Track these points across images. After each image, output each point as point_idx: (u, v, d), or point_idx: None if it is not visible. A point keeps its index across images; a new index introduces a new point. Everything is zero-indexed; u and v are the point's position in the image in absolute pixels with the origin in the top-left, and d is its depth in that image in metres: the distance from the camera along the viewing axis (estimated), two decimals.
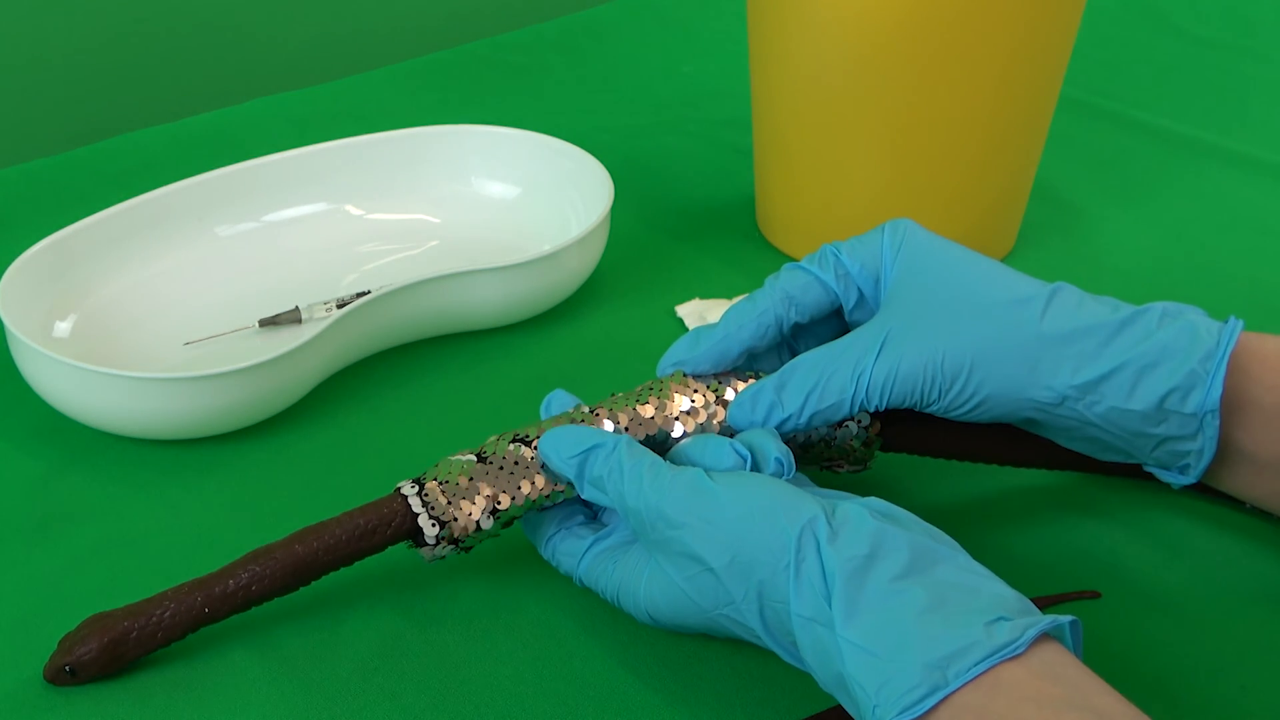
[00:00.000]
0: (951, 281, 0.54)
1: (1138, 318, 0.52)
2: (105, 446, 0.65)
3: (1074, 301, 0.53)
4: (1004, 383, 0.53)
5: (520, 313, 0.74)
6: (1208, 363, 0.51)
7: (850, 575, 0.45)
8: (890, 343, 0.53)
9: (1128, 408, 0.52)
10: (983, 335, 0.52)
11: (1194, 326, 0.52)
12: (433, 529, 0.53)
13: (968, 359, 0.52)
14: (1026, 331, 0.52)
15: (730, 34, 1.07)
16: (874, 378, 0.53)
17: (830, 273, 0.57)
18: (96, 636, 0.52)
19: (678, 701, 0.53)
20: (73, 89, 1.05)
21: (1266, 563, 0.61)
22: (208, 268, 0.75)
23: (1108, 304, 0.53)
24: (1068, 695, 0.42)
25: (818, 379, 0.54)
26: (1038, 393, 0.52)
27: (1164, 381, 0.51)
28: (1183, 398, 0.52)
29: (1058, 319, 0.52)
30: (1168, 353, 0.51)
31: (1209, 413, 0.51)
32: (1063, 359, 0.52)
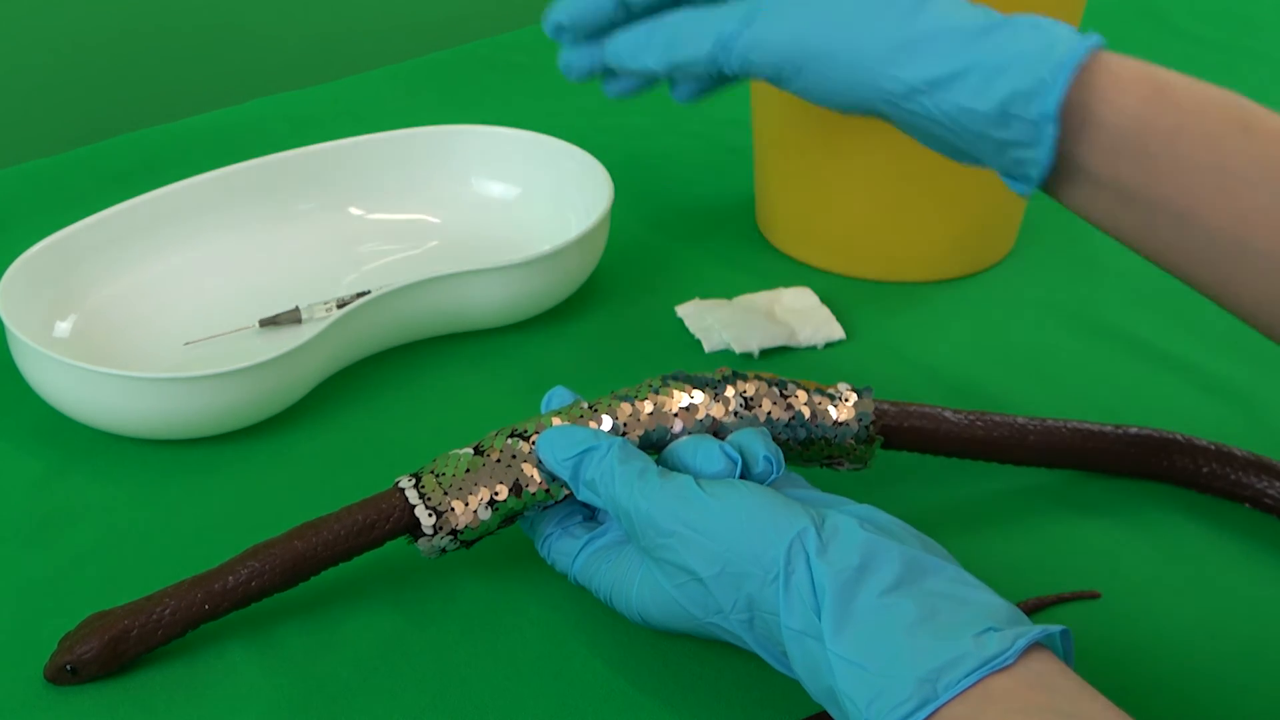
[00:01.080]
0: None
1: (1004, 25, 0.51)
2: (105, 446, 0.65)
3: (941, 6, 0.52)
4: (854, 74, 0.53)
5: (520, 313, 0.74)
6: (1057, 70, 0.50)
7: (840, 588, 0.45)
8: (762, 12, 0.54)
9: (972, 107, 0.51)
10: (852, 21, 0.52)
11: (1053, 38, 0.51)
12: (429, 519, 0.53)
13: (826, 46, 0.52)
14: (895, 23, 0.52)
15: None
16: (737, 45, 0.54)
17: None
18: (97, 635, 0.52)
19: (677, 701, 0.53)
20: (73, 89, 1.05)
21: (1266, 563, 0.61)
22: (208, 268, 0.75)
23: (983, 11, 0.52)
24: (1057, 705, 0.42)
25: (684, 32, 0.55)
26: (888, 82, 0.52)
27: (1009, 84, 0.50)
28: (1026, 102, 0.50)
29: (929, 15, 0.52)
30: (1020, 58, 0.50)
31: (1048, 120, 0.50)
32: (921, 53, 0.51)
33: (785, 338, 0.74)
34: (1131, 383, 0.72)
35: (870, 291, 0.79)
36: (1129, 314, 0.77)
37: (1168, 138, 0.50)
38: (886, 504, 0.53)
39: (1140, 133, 0.50)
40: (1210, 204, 0.49)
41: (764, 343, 0.73)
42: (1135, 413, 0.68)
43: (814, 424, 0.58)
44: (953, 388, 0.71)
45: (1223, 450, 0.63)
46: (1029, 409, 0.65)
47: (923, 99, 0.52)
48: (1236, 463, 0.63)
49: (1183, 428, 0.65)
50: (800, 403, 0.57)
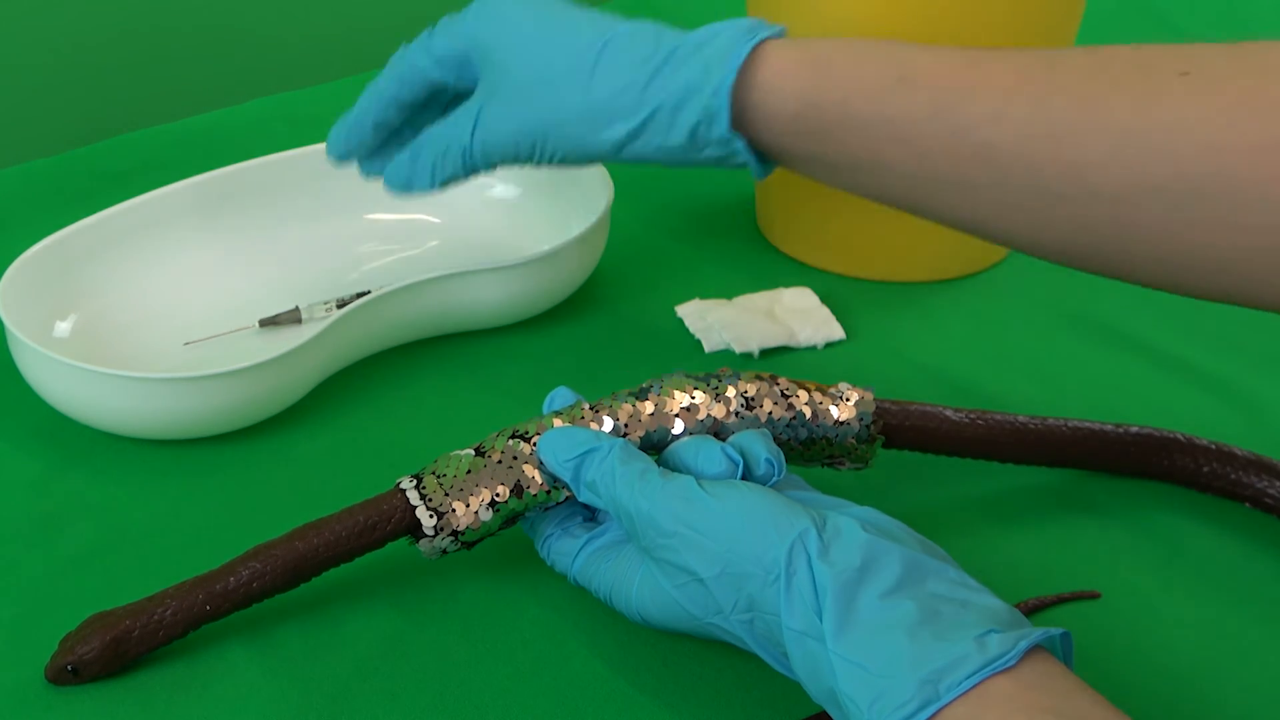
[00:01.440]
0: (523, 55, 0.60)
1: (670, 58, 0.57)
2: (105, 446, 0.65)
3: (619, 59, 0.58)
4: (573, 143, 0.60)
5: (520, 313, 0.74)
6: (718, 95, 0.56)
7: (841, 589, 0.45)
8: (482, 118, 0.61)
9: (670, 144, 0.58)
10: (548, 107, 0.59)
11: (710, 63, 0.56)
12: (430, 520, 0.53)
13: (540, 128, 0.60)
14: (579, 98, 0.58)
15: None
16: (475, 150, 0.61)
17: (426, 58, 0.63)
18: (98, 635, 0.52)
19: (678, 701, 0.53)
20: (73, 89, 1.05)
21: (1266, 563, 0.61)
22: (208, 268, 0.75)
23: (649, 47, 0.58)
24: (1058, 706, 0.42)
25: (437, 154, 0.62)
26: (598, 145, 0.59)
27: (688, 118, 0.57)
28: (708, 128, 0.57)
29: (602, 82, 0.58)
30: (690, 91, 0.56)
31: (731, 137, 0.57)
32: (611, 116, 0.58)
33: (785, 338, 0.74)
34: (1131, 382, 0.72)
35: (870, 291, 0.79)
36: (1129, 314, 0.77)
37: (839, 107, 0.55)
38: (886, 504, 0.53)
39: (814, 111, 0.56)
40: (891, 151, 0.55)
41: (764, 343, 0.73)
42: (1135, 412, 0.68)
43: (815, 424, 0.58)
44: (953, 388, 0.71)
45: (1223, 450, 0.63)
46: (1029, 409, 0.65)
47: (632, 147, 0.59)
48: (1237, 462, 0.63)
49: (1183, 427, 0.65)
50: (801, 402, 0.57)
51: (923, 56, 0.55)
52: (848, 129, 0.55)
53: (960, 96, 0.53)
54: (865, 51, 0.56)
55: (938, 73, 0.54)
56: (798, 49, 0.56)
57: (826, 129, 0.56)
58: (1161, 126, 0.50)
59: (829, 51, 0.56)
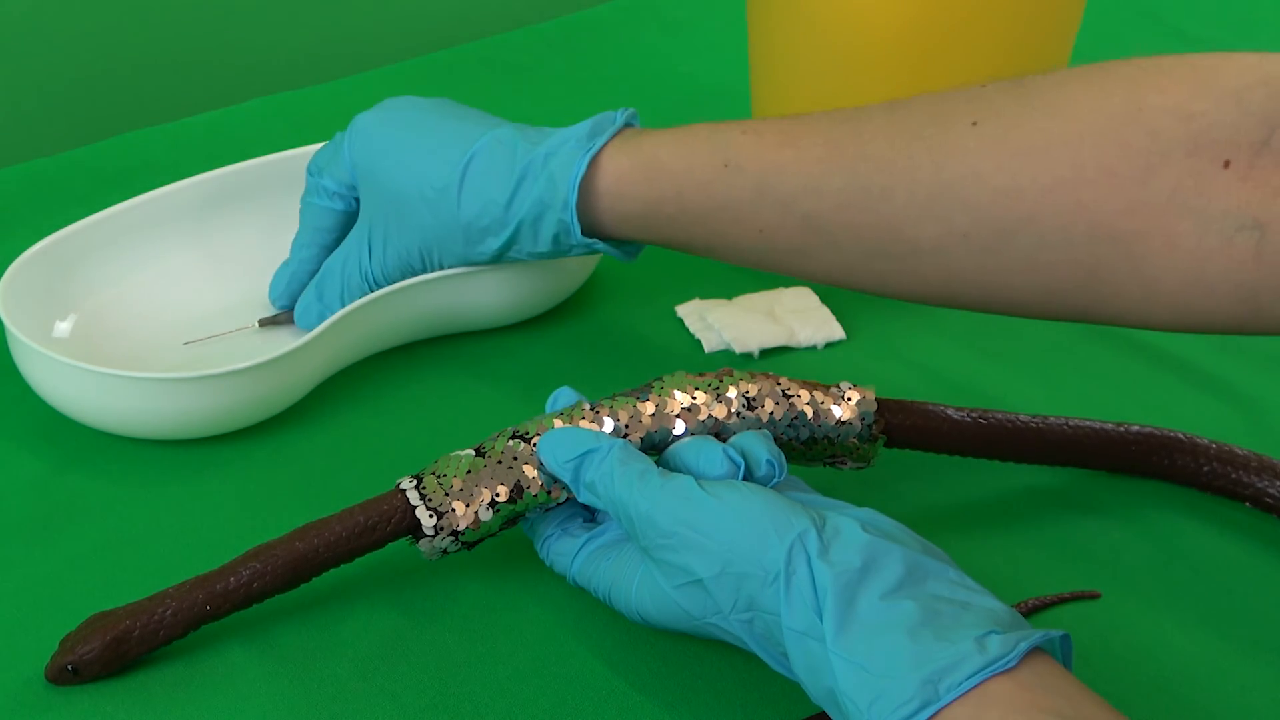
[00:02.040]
0: (394, 181, 0.65)
1: (524, 178, 0.62)
2: (105, 446, 0.65)
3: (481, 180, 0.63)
4: (455, 255, 0.66)
5: (520, 313, 0.74)
6: (565, 211, 0.61)
7: (842, 589, 0.46)
8: (374, 242, 0.67)
9: (538, 250, 0.64)
10: (425, 226, 0.65)
11: (554, 179, 0.61)
12: (430, 520, 0.53)
13: (423, 244, 0.66)
14: (451, 219, 0.64)
15: (730, 34, 1.07)
16: (374, 271, 0.67)
17: (324, 198, 0.69)
18: (98, 635, 0.52)
19: (678, 701, 0.53)
20: (73, 89, 1.05)
21: (1266, 563, 0.61)
22: (208, 268, 0.75)
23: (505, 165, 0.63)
24: (1058, 707, 0.42)
25: (342, 283, 0.68)
26: (478, 256, 0.65)
27: (549, 230, 0.63)
28: (566, 235, 0.62)
29: (469, 204, 0.63)
30: (544, 206, 0.62)
31: (586, 243, 0.62)
32: (482, 232, 0.64)
33: (785, 338, 0.74)
34: (1132, 382, 0.72)
35: None
36: None
37: (675, 200, 0.60)
38: (886, 503, 0.53)
39: (655, 207, 0.61)
40: (734, 231, 0.59)
41: (764, 343, 0.73)
42: (1136, 412, 0.68)
43: (816, 423, 0.58)
44: (953, 388, 0.71)
45: (1224, 449, 0.63)
46: (1029, 409, 0.65)
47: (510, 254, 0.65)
48: (1238, 462, 0.63)
49: (1184, 427, 0.65)
50: (803, 402, 0.57)
51: (743, 139, 0.59)
52: (687, 219, 0.60)
53: (780, 174, 0.57)
54: (691, 143, 0.60)
55: (757, 154, 0.58)
56: (632, 152, 0.61)
57: (669, 221, 0.61)
58: (960, 179, 0.53)
59: (658, 149, 0.60)
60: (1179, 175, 0.50)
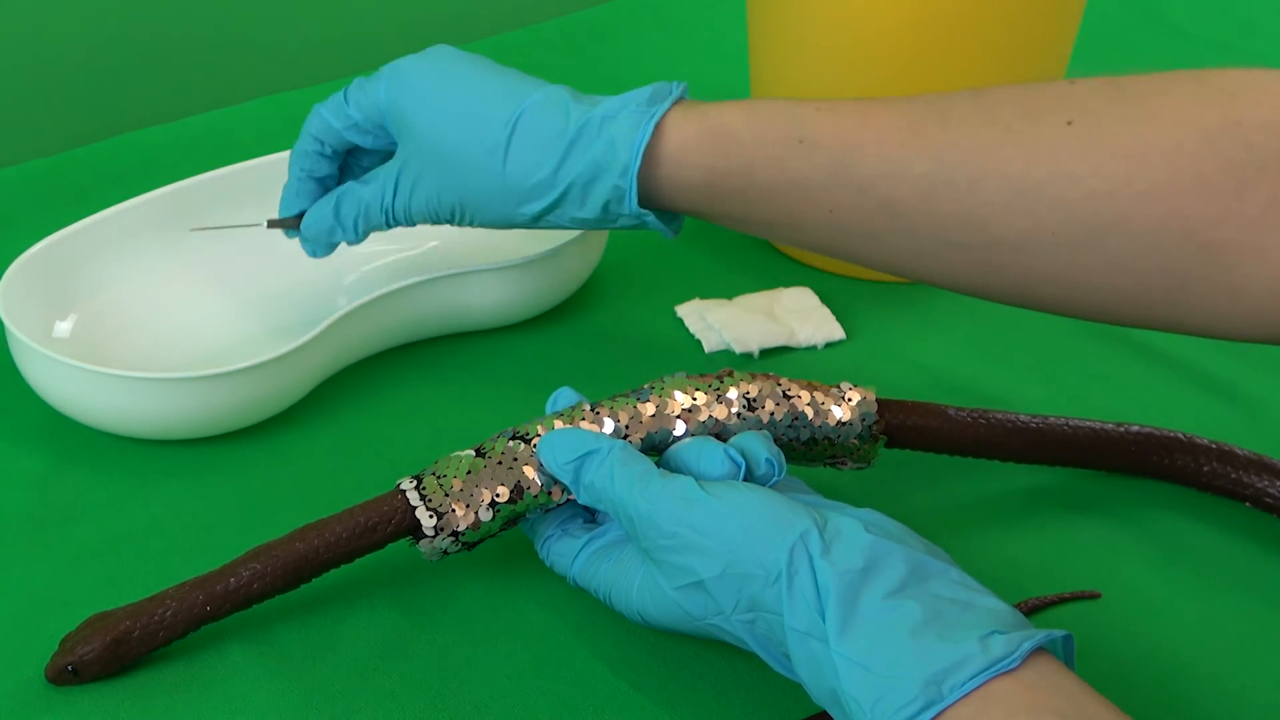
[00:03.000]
0: (438, 129, 0.62)
1: (579, 137, 0.60)
2: (105, 446, 0.65)
3: (531, 138, 0.60)
4: (491, 214, 0.63)
5: (520, 313, 0.74)
6: (624, 176, 0.59)
7: (844, 589, 0.46)
8: (401, 183, 0.64)
9: (584, 216, 0.61)
10: (463, 181, 0.62)
11: (614, 142, 0.59)
12: (430, 520, 0.53)
13: (458, 200, 0.63)
14: (495, 178, 0.61)
15: (730, 34, 1.07)
16: (396, 211, 0.64)
17: (340, 120, 0.65)
18: (98, 636, 0.52)
19: (678, 702, 0.53)
20: (73, 89, 1.05)
21: (1266, 563, 0.61)
22: (208, 268, 0.75)
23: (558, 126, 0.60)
24: (1061, 706, 0.42)
25: (359, 211, 0.65)
26: (518, 217, 0.62)
27: (600, 195, 0.60)
28: (618, 204, 0.60)
29: (516, 163, 0.60)
30: (599, 170, 0.59)
31: (639, 213, 0.60)
32: (526, 194, 0.61)
33: (785, 338, 0.74)
34: (1132, 382, 0.72)
35: (870, 291, 0.79)
36: None
37: (744, 173, 0.58)
38: (886, 504, 0.53)
39: (721, 179, 0.58)
40: (801, 209, 0.57)
41: (764, 343, 0.73)
42: (1136, 412, 0.68)
43: (817, 424, 0.58)
44: (953, 388, 0.71)
45: (1224, 449, 0.63)
46: (1029, 409, 0.65)
47: (549, 219, 0.62)
48: (1238, 462, 0.63)
49: (1183, 427, 0.65)
50: (803, 403, 0.57)
51: (818, 116, 0.57)
52: (754, 193, 0.58)
53: (859, 155, 0.56)
54: (764, 116, 0.58)
55: (835, 132, 0.56)
56: (698, 119, 0.59)
57: (734, 194, 0.59)
58: (1053, 177, 0.52)
59: (728, 119, 0.58)
60: (1273, 188, 0.50)
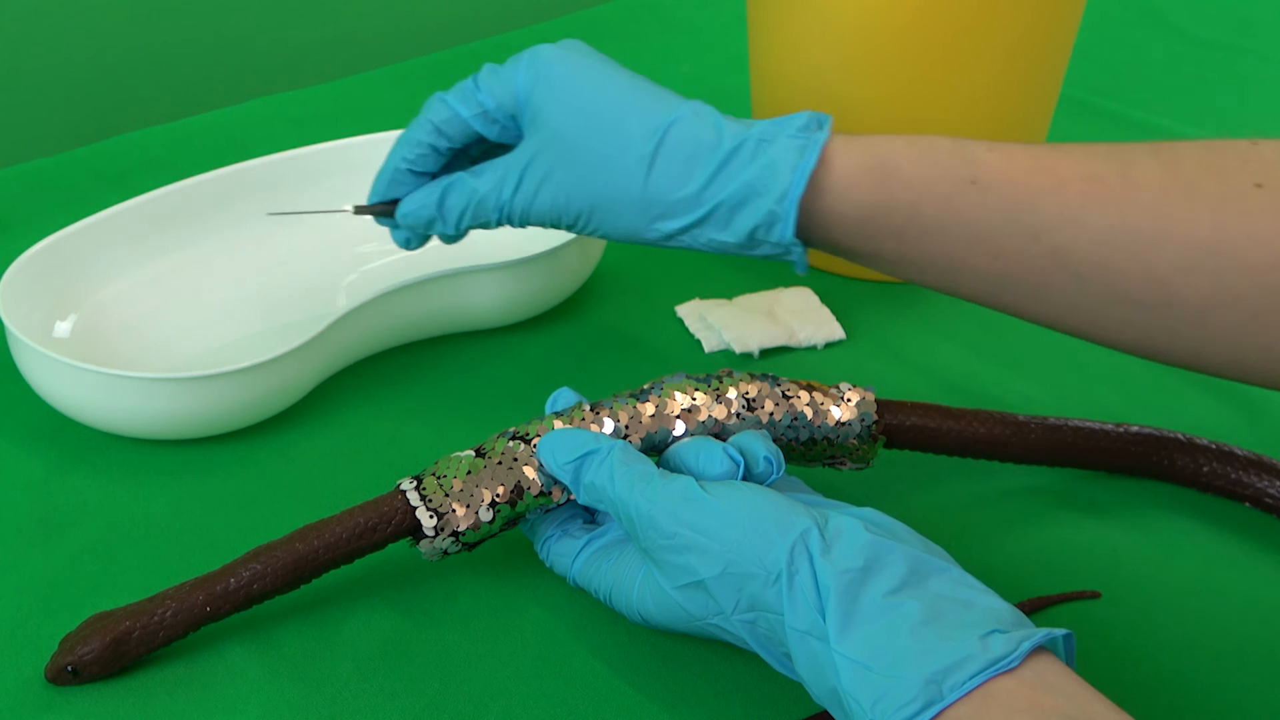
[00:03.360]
0: (578, 128, 0.58)
1: (733, 157, 0.56)
2: (105, 446, 0.65)
3: (679, 151, 0.57)
4: (620, 225, 0.59)
5: (520, 313, 0.74)
6: (783, 201, 0.55)
7: (845, 589, 0.46)
8: (526, 179, 0.59)
9: (723, 240, 0.58)
10: (598, 187, 0.58)
11: (774, 165, 0.56)
12: (430, 521, 0.53)
13: (587, 206, 0.59)
14: (635, 187, 0.58)
15: (730, 34, 1.07)
16: (513, 209, 0.60)
17: (469, 108, 0.61)
18: (98, 636, 0.52)
19: (678, 702, 0.53)
20: (73, 89, 1.05)
21: (1267, 563, 0.61)
22: (208, 268, 0.75)
23: (710, 141, 0.57)
24: (1061, 706, 0.42)
25: (468, 204, 0.61)
26: (649, 232, 0.59)
27: (749, 219, 0.56)
28: (767, 230, 0.56)
29: (661, 175, 0.57)
30: (752, 192, 0.56)
31: (790, 243, 0.57)
32: (666, 209, 0.58)
33: (785, 338, 0.74)
34: (1132, 382, 0.72)
35: (870, 291, 0.79)
36: None
37: (908, 211, 0.55)
38: (886, 504, 0.53)
39: (883, 215, 0.55)
40: (964, 254, 0.55)
41: (764, 343, 0.73)
42: (1135, 412, 0.68)
43: (816, 424, 0.58)
44: (953, 388, 0.71)
45: (1224, 449, 0.63)
46: (1029, 409, 0.65)
47: (683, 239, 0.58)
48: (1237, 462, 0.63)
49: (1183, 427, 0.65)
50: (802, 403, 0.57)
51: (991, 157, 0.54)
52: (915, 233, 0.55)
53: (1035, 200, 0.53)
54: (932, 153, 0.55)
55: (1009, 175, 0.53)
56: (861, 151, 0.56)
57: (892, 232, 0.55)
58: (1241, 240, 0.50)
59: (894, 153, 0.55)
60: None
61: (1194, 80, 1.07)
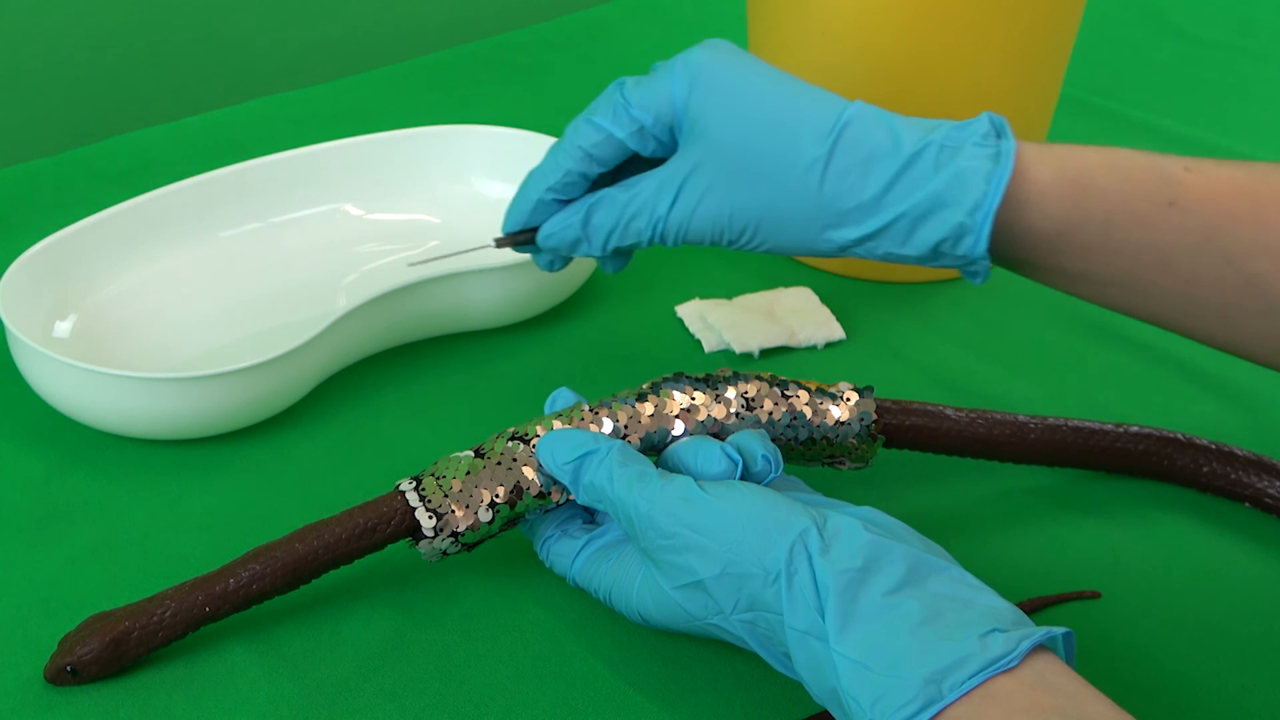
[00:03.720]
0: (743, 135, 0.55)
1: (913, 163, 0.53)
2: (105, 446, 0.65)
3: (853, 156, 0.54)
4: (789, 239, 0.56)
5: (520, 313, 0.74)
6: (976, 213, 0.52)
7: (844, 588, 0.46)
8: (685, 193, 0.56)
9: (903, 253, 0.55)
10: (767, 199, 0.55)
11: (964, 175, 0.52)
12: (430, 521, 0.53)
13: (754, 218, 0.55)
14: (807, 197, 0.54)
15: (730, 34, 1.07)
16: (669, 225, 0.56)
17: (624, 128, 0.57)
18: (98, 636, 0.52)
19: (678, 701, 0.53)
20: (73, 89, 1.05)
21: (1266, 563, 0.61)
22: (208, 268, 0.75)
23: (887, 145, 0.54)
24: (1060, 705, 0.42)
25: (618, 222, 0.57)
26: (821, 244, 0.55)
27: (935, 232, 0.53)
28: (954, 244, 0.53)
29: (835, 182, 0.54)
30: (939, 203, 0.53)
31: (979, 257, 0.54)
32: (840, 218, 0.54)
33: (785, 338, 0.74)
34: (1131, 382, 0.72)
35: (870, 291, 0.79)
36: None
37: (1101, 228, 0.52)
38: (886, 504, 0.53)
39: (1074, 231, 0.53)
40: (1154, 275, 0.53)
41: (764, 343, 0.73)
42: (1135, 412, 0.68)
43: (815, 424, 0.58)
44: (953, 388, 0.71)
45: (1223, 449, 0.63)
46: (1029, 409, 0.65)
47: (857, 250, 0.55)
48: (1237, 462, 0.63)
49: (1183, 427, 0.65)
50: (801, 403, 0.57)
51: (1189, 178, 0.52)
52: (1107, 251, 0.53)
53: (1234, 224, 0.51)
54: (1128, 168, 0.53)
55: (1208, 198, 0.52)
56: (1055, 162, 0.53)
57: (1081, 249, 0.53)
58: None
59: (1088, 167, 0.53)
60: None
61: (1194, 80, 1.07)
